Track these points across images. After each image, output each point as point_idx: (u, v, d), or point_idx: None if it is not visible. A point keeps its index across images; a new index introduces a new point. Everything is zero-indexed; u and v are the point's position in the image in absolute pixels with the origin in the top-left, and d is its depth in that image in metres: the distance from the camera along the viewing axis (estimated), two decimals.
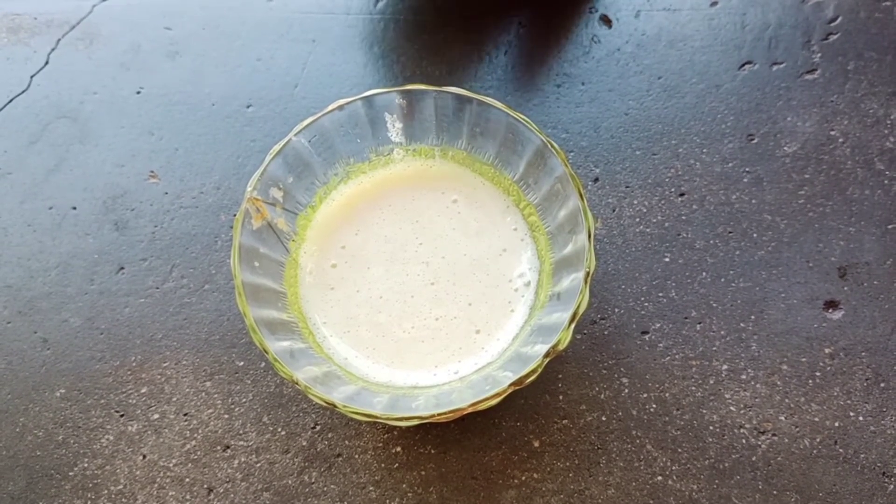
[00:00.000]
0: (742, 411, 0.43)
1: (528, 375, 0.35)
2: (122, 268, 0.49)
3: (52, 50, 0.57)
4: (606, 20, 0.55)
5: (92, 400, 0.46)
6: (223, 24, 0.57)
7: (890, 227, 0.47)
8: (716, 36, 0.54)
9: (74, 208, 0.51)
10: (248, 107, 0.54)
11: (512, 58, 0.54)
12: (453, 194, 0.45)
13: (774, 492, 0.41)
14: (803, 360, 0.44)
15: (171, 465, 0.44)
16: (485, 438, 0.43)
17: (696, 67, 0.53)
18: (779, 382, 0.44)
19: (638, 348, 0.45)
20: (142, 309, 0.48)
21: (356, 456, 0.43)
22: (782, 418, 0.43)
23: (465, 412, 0.35)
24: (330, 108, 0.42)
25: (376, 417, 0.35)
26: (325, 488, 0.43)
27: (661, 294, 0.46)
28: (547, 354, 0.35)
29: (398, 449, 0.43)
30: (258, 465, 0.43)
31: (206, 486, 0.43)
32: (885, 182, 0.48)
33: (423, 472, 0.43)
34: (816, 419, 0.43)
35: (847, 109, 0.50)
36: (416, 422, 0.35)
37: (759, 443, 0.42)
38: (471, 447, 0.43)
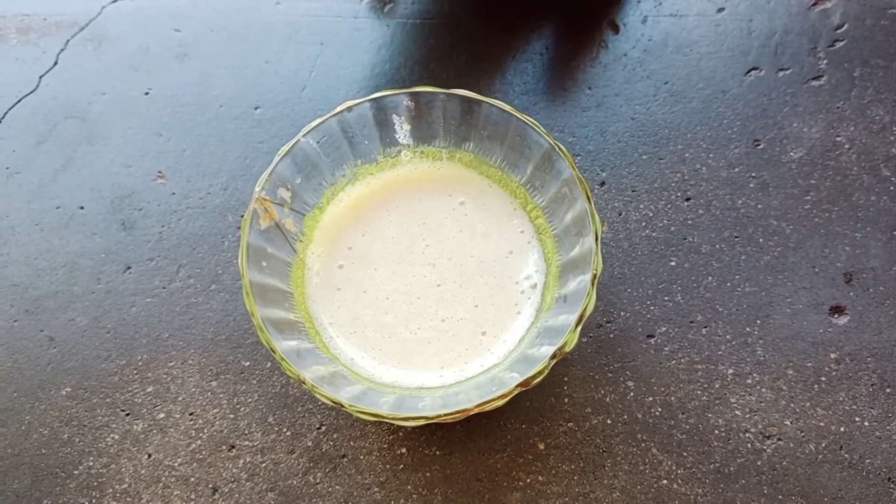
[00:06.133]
0: (747, 416, 0.43)
1: (534, 377, 0.35)
2: (129, 267, 0.49)
3: (62, 50, 0.57)
4: (613, 26, 0.55)
5: (98, 399, 0.46)
6: (231, 27, 0.57)
7: (895, 232, 0.47)
8: (722, 42, 0.54)
9: (82, 208, 0.51)
10: (255, 108, 0.54)
11: (519, 62, 0.54)
12: (460, 196, 0.45)
13: (779, 496, 0.41)
14: (809, 364, 0.44)
15: (176, 464, 0.44)
16: (490, 440, 0.43)
17: (703, 73, 0.53)
18: (784, 387, 0.44)
19: (643, 352, 0.45)
20: (148, 308, 0.48)
21: (361, 457, 0.43)
22: (788, 423, 0.43)
23: (471, 413, 0.35)
24: (338, 109, 0.42)
25: (382, 417, 0.35)
26: (329, 489, 0.43)
27: (666, 298, 0.46)
28: (553, 356, 0.35)
29: (403, 450, 0.43)
30: (263, 465, 0.43)
31: (210, 485, 0.43)
32: (891, 188, 0.48)
33: (427, 474, 0.43)
34: (822, 424, 0.43)
35: (853, 116, 0.51)
36: (422, 422, 0.35)
37: (765, 447, 0.42)
38: (476, 449, 0.43)
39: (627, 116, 0.52)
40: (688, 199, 0.49)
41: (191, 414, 0.45)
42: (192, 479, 0.43)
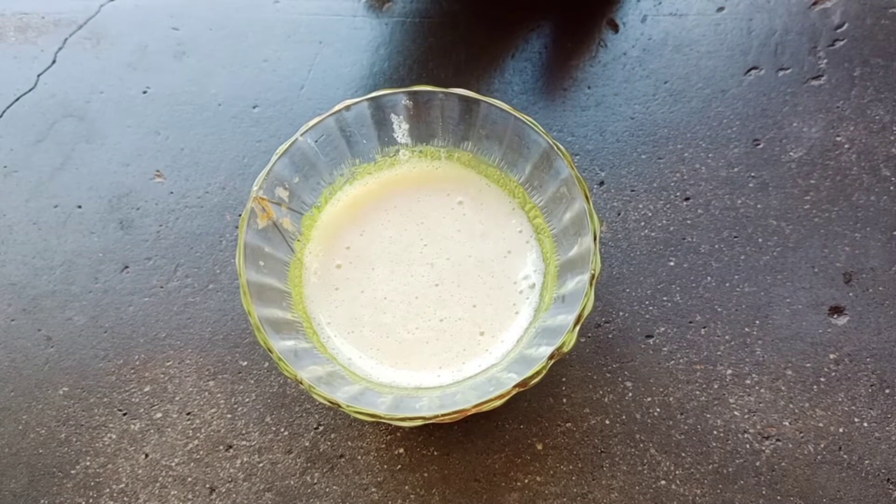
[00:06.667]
0: (746, 416, 0.43)
1: (532, 377, 0.35)
2: (127, 266, 0.49)
3: (60, 49, 0.57)
4: (613, 25, 0.55)
5: (95, 398, 0.46)
6: (230, 25, 0.57)
7: (895, 233, 0.47)
8: (722, 41, 0.54)
9: (80, 207, 0.51)
10: (254, 107, 0.54)
11: (518, 61, 0.54)
12: (459, 196, 0.45)
13: (778, 497, 0.41)
14: (808, 365, 0.44)
15: (173, 464, 0.44)
16: (488, 441, 0.43)
17: (703, 72, 0.53)
18: (783, 388, 0.44)
19: (642, 352, 0.45)
20: (146, 308, 0.48)
21: (359, 457, 0.43)
22: (786, 423, 0.43)
23: (469, 413, 0.35)
24: (336, 108, 0.42)
25: (380, 417, 0.35)
26: (327, 489, 0.43)
27: (665, 298, 0.46)
28: (551, 356, 0.35)
29: (401, 450, 0.43)
30: (260, 465, 0.43)
31: (208, 485, 0.43)
32: (891, 188, 0.48)
33: (425, 474, 0.43)
34: (821, 425, 0.43)
35: (853, 115, 0.50)
36: (419, 422, 0.35)
37: (763, 448, 0.42)
38: (474, 449, 0.43)
39: (626, 116, 0.52)
40: (687, 199, 0.49)
41: (188, 414, 0.45)
42: (190, 479, 0.43)
